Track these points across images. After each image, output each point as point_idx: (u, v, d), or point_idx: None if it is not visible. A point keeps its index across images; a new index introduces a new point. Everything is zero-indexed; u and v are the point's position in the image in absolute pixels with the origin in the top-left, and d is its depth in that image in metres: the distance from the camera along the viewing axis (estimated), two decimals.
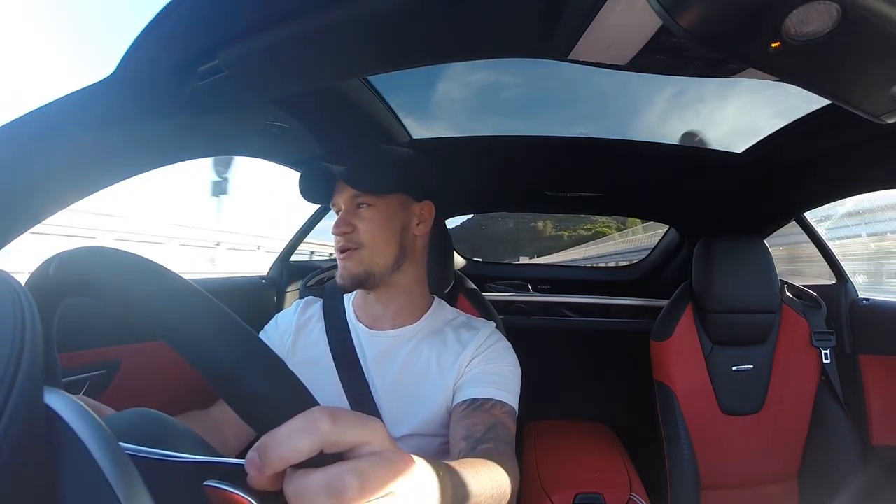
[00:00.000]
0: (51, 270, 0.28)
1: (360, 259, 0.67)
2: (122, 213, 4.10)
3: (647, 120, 1.04)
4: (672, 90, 0.96)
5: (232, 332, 0.24)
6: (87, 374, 0.70)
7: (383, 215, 0.69)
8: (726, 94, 0.96)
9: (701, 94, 0.97)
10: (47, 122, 0.49)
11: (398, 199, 0.71)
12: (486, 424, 0.58)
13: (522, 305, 1.66)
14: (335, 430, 0.22)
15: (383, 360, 0.70)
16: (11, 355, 0.20)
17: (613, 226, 5.24)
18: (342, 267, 0.68)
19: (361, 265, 0.67)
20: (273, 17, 0.49)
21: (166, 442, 0.28)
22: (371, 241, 0.68)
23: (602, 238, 5.95)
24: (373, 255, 0.68)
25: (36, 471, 0.21)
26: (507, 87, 1.03)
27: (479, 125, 1.07)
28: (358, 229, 0.68)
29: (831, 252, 1.26)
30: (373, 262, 0.68)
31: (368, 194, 0.68)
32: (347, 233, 0.67)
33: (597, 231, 5.55)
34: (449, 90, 1.00)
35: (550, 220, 4.34)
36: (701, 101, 0.99)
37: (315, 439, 0.22)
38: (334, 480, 0.21)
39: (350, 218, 0.68)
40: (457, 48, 0.57)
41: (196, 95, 0.58)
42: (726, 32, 0.36)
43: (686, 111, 1.02)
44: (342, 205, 0.70)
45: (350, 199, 0.69)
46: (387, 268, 0.69)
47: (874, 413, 1.11)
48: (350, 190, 0.68)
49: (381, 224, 0.68)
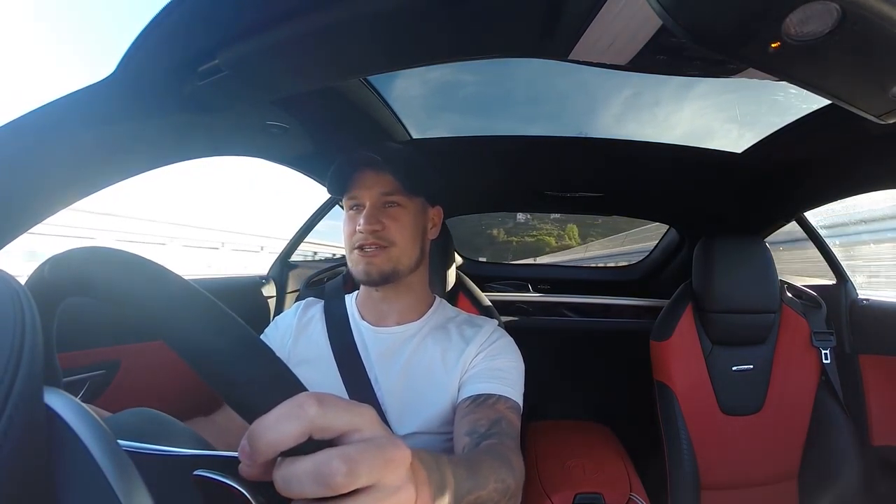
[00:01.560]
0: (46, 272, 0.28)
1: (390, 256, 0.67)
2: (126, 213, 4.08)
3: (602, 121, 1.06)
4: (629, 92, 0.98)
5: (220, 320, 0.24)
6: (87, 374, 0.70)
7: (410, 217, 0.69)
8: (682, 98, 0.99)
9: (657, 97, 0.99)
10: (48, 121, 0.49)
11: (420, 203, 0.72)
12: (489, 420, 0.58)
13: (522, 305, 1.66)
14: (323, 415, 0.22)
15: (388, 356, 0.69)
16: (11, 355, 0.20)
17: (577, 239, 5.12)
18: (367, 263, 0.67)
19: (391, 262, 0.67)
20: (273, 16, 0.49)
21: (164, 439, 0.28)
22: (401, 241, 0.68)
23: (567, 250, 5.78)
24: (401, 255, 0.68)
25: (36, 471, 0.21)
26: (507, 87, 1.03)
27: (479, 125, 1.07)
28: (388, 227, 0.67)
29: (831, 252, 1.26)
30: (400, 262, 0.68)
31: (403, 194, 0.68)
32: (378, 230, 0.66)
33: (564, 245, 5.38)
34: (449, 90, 1.00)
35: (503, 229, 4.23)
36: (657, 105, 1.01)
37: (302, 424, 0.21)
38: (321, 466, 0.21)
39: (379, 215, 0.67)
40: (457, 48, 0.57)
41: (196, 95, 0.58)
42: (726, 32, 0.36)
43: (642, 112, 1.04)
44: (367, 201, 0.68)
45: (379, 197, 0.68)
46: (409, 269, 0.70)
47: (874, 413, 1.11)
48: (380, 186, 0.67)
49: (408, 225, 0.69)
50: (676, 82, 0.92)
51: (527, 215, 2.93)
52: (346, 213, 0.71)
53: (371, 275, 0.67)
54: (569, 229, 4.17)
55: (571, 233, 4.22)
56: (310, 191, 1.18)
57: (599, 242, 4.72)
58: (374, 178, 0.68)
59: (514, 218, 3.94)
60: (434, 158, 1.14)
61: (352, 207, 0.70)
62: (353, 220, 0.69)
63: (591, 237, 4.82)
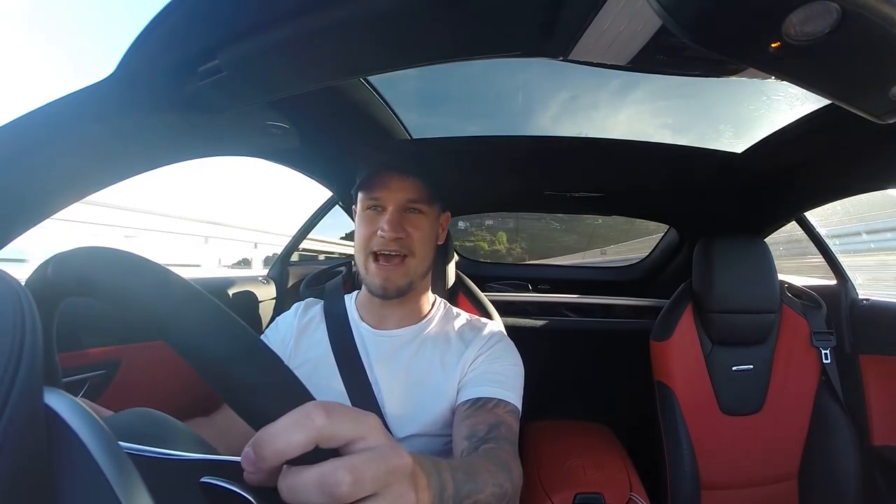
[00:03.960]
0: (49, 271, 0.28)
1: (407, 270, 0.66)
2: (166, 211, 3.99)
3: (539, 123, 1.07)
4: (566, 95, 0.99)
5: (226, 325, 0.24)
6: (87, 374, 0.70)
7: (429, 224, 0.68)
8: (619, 104, 1.01)
9: (595, 101, 1.01)
10: (48, 121, 0.49)
11: (438, 209, 0.71)
12: (488, 424, 0.58)
13: (522, 305, 1.66)
14: (329, 425, 0.22)
15: (388, 359, 0.69)
16: (11, 355, 0.20)
17: None
18: (384, 276, 0.65)
19: (407, 276, 0.66)
20: (273, 16, 0.49)
21: (166, 441, 0.28)
22: (420, 251, 0.66)
23: None
24: (418, 266, 0.67)
25: (36, 471, 0.21)
26: (506, 87, 1.03)
27: (479, 125, 1.07)
28: (411, 236, 0.66)
29: (831, 252, 1.26)
30: (415, 273, 0.67)
31: (424, 202, 0.66)
32: (401, 238, 0.65)
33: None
34: (449, 90, 1.00)
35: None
36: (595, 108, 1.03)
37: (309, 433, 0.22)
38: (327, 476, 0.21)
39: (403, 222, 0.65)
40: (456, 48, 0.57)
41: (196, 95, 0.58)
42: (726, 32, 0.36)
43: (577, 116, 1.06)
44: (391, 205, 0.66)
45: (404, 202, 0.66)
46: (422, 277, 0.69)
47: (874, 413, 1.11)
48: (406, 192, 0.66)
49: (427, 233, 0.68)
50: (614, 86, 0.95)
51: (467, 222, 2.88)
52: (363, 212, 0.69)
53: (388, 290, 0.66)
54: (498, 236, 4.05)
55: (500, 240, 4.09)
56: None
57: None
58: (399, 181, 0.66)
59: (455, 225, 3.82)
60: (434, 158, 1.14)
61: (370, 208, 0.68)
62: (371, 222, 0.67)
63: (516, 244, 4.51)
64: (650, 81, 0.92)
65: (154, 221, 3.59)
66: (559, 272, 2.26)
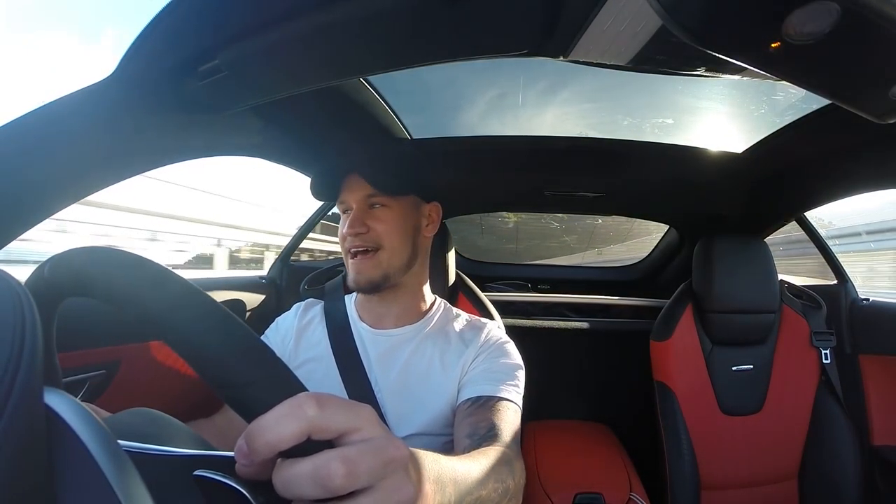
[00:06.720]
0: (45, 272, 0.28)
1: (378, 262, 0.67)
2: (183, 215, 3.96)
3: (467, 120, 1.07)
4: (495, 92, 0.99)
5: (221, 321, 0.24)
6: (87, 374, 0.70)
7: (398, 216, 0.68)
8: (546, 104, 1.01)
9: (524, 98, 1.00)
10: (48, 121, 0.49)
11: (411, 201, 0.71)
12: (489, 422, 0.58)
13: (522, 305, 1.66)
14: (322, 416, 0.22)
15: (386, 359, 0.69)
16: (11, 355, 0.20)
17: None
18: (357, 269, 0.67)
19: (379, 268, 0.67)
20: (273, 17, 0.49)
21: (163, 438, 0.28)
22: (388, 243, 0.67)
23: None
24: (390, 257, 0.67)
25: (36, 471, 0.21)
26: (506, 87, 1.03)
27: (479, 125, 1.07)
28: (374, 230, 0.67)
29: (832, 252, 1.26)
30: (390, 265, 0.68)
31: (386, 195, 0.67)
32: (362, 233, 0.66)
33: None
34: (449, 90, 1.00)
35: None
36: (523, 106, 1.02)
37: (301, 424, 0.21)
38: (320, 468, 0.21)
39: (364, 218, 0.67)
40: (457, 48, 0.57)
41: (196, 95, 0.58)
42: (726, 32, 0.36)
43: (505, 114, 1.06)
44: (353, 204, 0.68)
45: (364, 199, 0.68)
46: (401, 269, 0.69)
47: (874, 413, 1.11)
48: (365, 189, 0.67)
49: (396, 225, 0.68)
50: (541, 87, 0.95)
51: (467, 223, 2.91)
52: (341, 216, 0.72)
53: (360, 283, 0.68)
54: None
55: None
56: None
57: None
58: (358, 180, 0.68)
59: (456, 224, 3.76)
60: (434, 158, 1.14)
61: (343, 212, 0.71)
62: (343, 224, 0.69)
63: None
64: (650, 81, 0.92)
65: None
66: (559, 272, 2.26)
